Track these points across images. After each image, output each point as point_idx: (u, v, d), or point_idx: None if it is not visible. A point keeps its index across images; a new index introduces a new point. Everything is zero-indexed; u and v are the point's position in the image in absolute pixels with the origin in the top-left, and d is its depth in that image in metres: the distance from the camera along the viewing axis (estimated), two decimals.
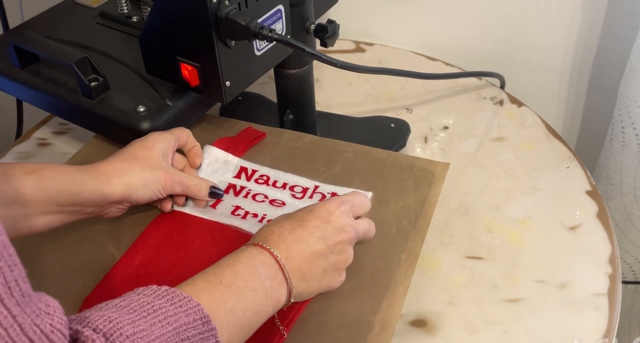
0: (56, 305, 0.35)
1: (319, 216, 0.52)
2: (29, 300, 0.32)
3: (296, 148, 0.69)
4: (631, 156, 0.81)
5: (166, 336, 0.39)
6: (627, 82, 0.77)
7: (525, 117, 0.83)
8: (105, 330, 0.36)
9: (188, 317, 0.41)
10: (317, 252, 0.51)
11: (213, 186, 0.62)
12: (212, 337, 0.42)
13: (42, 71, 0.72)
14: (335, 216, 0.52)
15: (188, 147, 0.65)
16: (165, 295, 0.41)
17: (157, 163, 0.59)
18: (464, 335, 0.58)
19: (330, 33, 0.65)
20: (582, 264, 0.64)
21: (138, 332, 0.38)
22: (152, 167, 0.58)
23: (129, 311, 0.39)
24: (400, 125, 0.79)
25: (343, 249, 0.52)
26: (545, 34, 0.90)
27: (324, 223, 0.52)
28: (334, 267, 0.52)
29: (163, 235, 0.60)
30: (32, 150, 0.80)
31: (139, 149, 0.59)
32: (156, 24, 0.62)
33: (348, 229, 0.52)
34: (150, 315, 0.39)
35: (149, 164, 0.58)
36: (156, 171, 0.58)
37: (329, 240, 0.51)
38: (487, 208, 0.70)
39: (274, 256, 0.49)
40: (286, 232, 0.51)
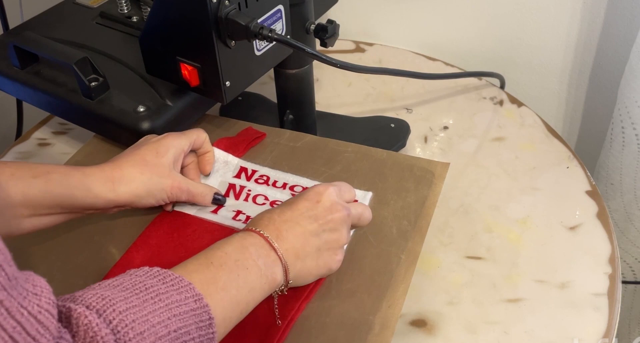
0: (44, 284, 0.35)
1: (308, 197, 0.53)
2: (15, 283, 0.33)
3: (296, 148, 0.69)
4: (631, 156, 0.81)
5: (158, 312, 0.39)
6: (627, 82, 0.77)
7: (525, 117, 0.83)
8: (98, 306, 0.37)
9: (180, 294, 0.41)
10: (309, 230, 0.51)
11: (217, 193, 0.62)
12: (205, 314, 0.42)
13: (42, 71, 0.72)
14: (325, 197, 0.53)
15: (201, 151, 0.64)
16: (157, 275, 0.42)
17: (166, 171, 0.58)
18: (464, 335, 0.58)
19: (330, 33, 0.65)
20: (582, 264, 0.64)
21: (130, 308, 0.38)
22: (161, 175, 0.57)
23: (121, 289, 0.40)
24: (400, 125, 0.79)
25: (335, 227, 0.52)
26: (545, 34, 0.90)
27: (313, 203, 0.52)
28: (328, 246, 0.52)
29: (163, 235, 0.60)
30: (32, 150, 0.80)
31: (151, 154, 0.58)
32: (156, 24, 0.62)
33: (338, 208, 0.53)
34: (142, 292, 0.40)
35: (158, 172, 0.57)
36: (164, 180, 0.58)
37: (319, 218, 0.52)
38: (487, 208, 0.70)
39: (264, 237, 0.49)
40: (275, 215, 0.51)
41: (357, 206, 0.56)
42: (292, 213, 0.52)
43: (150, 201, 0.58)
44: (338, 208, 0.53)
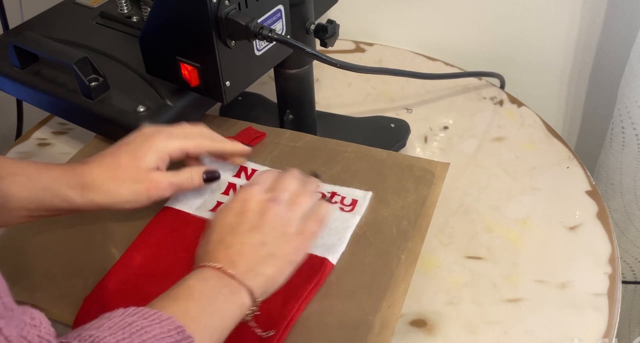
0: (42, 317, 0.35)
1: (235, 210, 0.52)
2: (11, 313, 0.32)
3: (296, 148, 0.69)
4: (631, 156, 0.81)
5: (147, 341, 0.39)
6: (627, 82, 0.77)
7: (525, 117, 0.83)
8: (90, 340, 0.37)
9: (162, 327, 0.41)
10: (255, 243, 0.50)
11: (206, 171, 0.60)
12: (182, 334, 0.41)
13: (42, 71, 0.72)
14: (251, 203, 0.52)
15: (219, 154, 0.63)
16: (136, 313, 0.41)
17: (142, 175, 0.55)
18: (464, 335, 0.58)
19: (330, 33, 0.65)
20: (582, 264, 0.64)
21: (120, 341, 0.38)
22: (134, 180, 0.55)
23: (105, 329, 0.39)
24: (400, 125, 0.79)
25: (276, 224, 0.51)
26: (545, 34, 0.90)
27: (243, 215, 0.51)
28: (279, 241, 0.51)
29: (163, 234, 0.60)
30: (32, 150, 0.80)
31: (127, 157, 0.56)
32: (156, 24, 0.62)
33: (269, 205, 0.52)
34: (127, 328, 0.40)
35: (131, 177, 0.55)
36: (137, 186, 0.55)
37: (257, 227, 0.50)
38: (487, 208, 0.70)
39: (217, 268, 0.48)
40: (217, 244, 0.50)
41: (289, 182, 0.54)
42: (233, 237, 0.50)
43: (126, 206, 0.56)
44: (268, 206, 0.52)
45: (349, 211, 0.61)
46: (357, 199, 0.62)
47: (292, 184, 0.55)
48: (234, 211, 0.52)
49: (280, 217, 0.52)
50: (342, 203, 0.62)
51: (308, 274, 0.55)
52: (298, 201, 0.54)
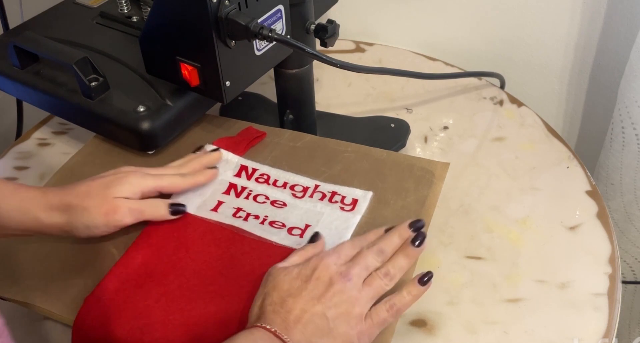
0: None
1: (303, 276, 0.50)
2: None
3: (296, 147, 0.69)
4: (631, 156, 0.81)
5: None
6: (627, 82, 0.77)
7: (525, 117, 0.83)
8: None
9: None
10: (314, 313, 0.48)
11: (171, 203, 0.59)
12: None
13: (42, 71, 0.72)
14: (323, 272, 0.50)
15: None
16: None
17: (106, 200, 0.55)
18: (464, 335, 0.58)
19: (330, 33, 0.65)
20: (582, 264, 0.64)
21: None
22: (97, 205, 0.55)
23: None
24: (400, 125, 0.79)
25: (340, 294, 0.49)
26: (545, 34, 0.90)
27: (310, 282, 0.49)
28: (340, 319, 0.48)
29: (163, 234, 0.60)
30: (32, 150, 0.80)
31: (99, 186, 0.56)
32: (156, 24, 0.62)
33: (338, 279, 0.49)
34: None
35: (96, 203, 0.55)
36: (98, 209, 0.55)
37: (322, 298, 0.48)
38: (487, 208, 0.70)
39: (272, 331, 0.47)
40: (278, 307, 0.48)
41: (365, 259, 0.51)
42: (294, 301, 0.48)
43: (85, 232, 0.55)
44: (338, 280, 0.49)
45: (349, 210, 0.61)
46: (358, 198, 0.62)
47: (373, 263, 0.51)
48: (302, 276, 0.50)
49: (347, 294, 0.49)
50: (342, 203, 0.62)
51: None
52: (375, 283, 0.50)
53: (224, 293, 0.54)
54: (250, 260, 0.57)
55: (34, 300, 0.56)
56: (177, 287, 0.55)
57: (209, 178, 0.63)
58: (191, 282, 0.56)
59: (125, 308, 0.54)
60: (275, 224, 0.60)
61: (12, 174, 0.77)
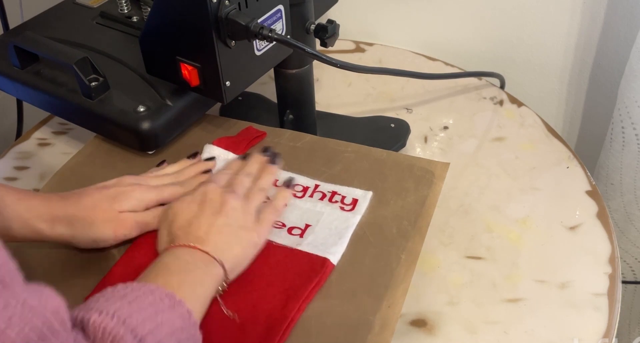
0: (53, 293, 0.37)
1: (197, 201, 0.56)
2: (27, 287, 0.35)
3: (296, 148, 0.69)
4: (631, 156, 0.81)
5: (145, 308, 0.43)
6: (627, 82, 0.77)
7: (525, 117, 0.83)
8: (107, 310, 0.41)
9: (154, 295, 0.44)
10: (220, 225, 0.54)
11: None
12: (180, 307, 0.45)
13: (42, 71, 0.72)
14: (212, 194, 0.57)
15: None
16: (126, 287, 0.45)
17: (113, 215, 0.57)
18: (464, 335, 0.58)
19: (330, 33, 0.65)
20: (582, 264, 0.64)
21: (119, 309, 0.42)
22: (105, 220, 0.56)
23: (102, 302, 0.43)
24: (400, 125, 0.79)
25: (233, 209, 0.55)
26: (545, 34, 0.90)
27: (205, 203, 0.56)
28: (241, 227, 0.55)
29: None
30: (32, 150, 0.80)
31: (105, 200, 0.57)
32: (156, 24, 0.62)
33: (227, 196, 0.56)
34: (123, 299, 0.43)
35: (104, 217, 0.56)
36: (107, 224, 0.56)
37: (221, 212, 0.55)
38: (487, 208, 0.70)
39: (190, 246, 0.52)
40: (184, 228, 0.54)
41: None
42: (198, 220, 0.54)
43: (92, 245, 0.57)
44: (227, 197, 0.56)
45: (349, 210, 0.61)
46: (358, 198, 0.62)
47: (246, 182, 0.60)
48: (195, 202, 0.56)
49: (239, 208, 0.56)
50: (342, 203, 0.62)
51: (309, 274, 0.55)
52: (252, 196, 0.58)
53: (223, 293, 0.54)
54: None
55: None
56: None
57: None
58: None
59: None
60: (275, 223, 0.60)
61: (12, 174, 0.77)
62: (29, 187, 0.74)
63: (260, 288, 0.55)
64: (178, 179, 0.63)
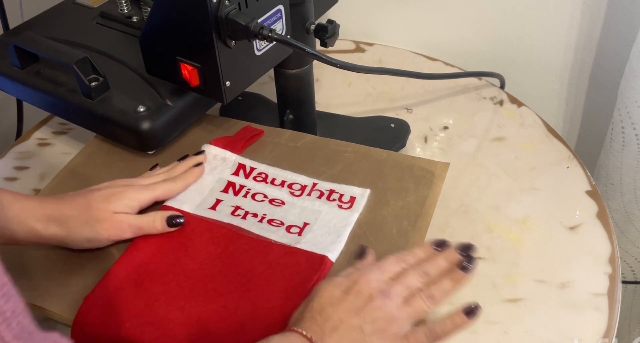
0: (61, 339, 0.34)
1: (345, 287, 0.50)
2: (30, 337, 0.31)
3: (296, 147, 0.69)
4: (631, 156, 0.81)
5: None
6: (627, 82, 0.77)
7: (525, 117, 0.83)
8: None
9: None
10: (351, 325, 0.47)
11: (169, 216, 0.60)
12: None
13: (42, 71, 0.72)
14: (364, 286, 0.49)
15: None
16: None
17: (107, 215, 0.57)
18: (464, 335, 0.58)
19: (330, 33, 0.65)
20: (582, 264, 0.64)
21: None
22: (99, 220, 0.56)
23: None
24: (400, 125, 0.79)
25: (379, 311, 0.48)
26: (545, 34, 0.90)
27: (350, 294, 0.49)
28: (376, 336, 0.48)
29: (162, 233, 0.60)
30: (32, 150, 0.80)
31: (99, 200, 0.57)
32: (156, 24, 0.62)
33: (379, 295, 0.49)
34: None
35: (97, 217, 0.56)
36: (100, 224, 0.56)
37: (361, 312, 0.48)
38: (487, 208, 0.70)
39: (306, 337, 0.46)
40: (315, 313, 0.48)
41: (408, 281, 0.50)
42: (333, 311, 0.48)
43: (85, 245, 0.57)
44: (378, 296, 0.49)
45: (347, 208, 0.61)
46: (355, 196, 0.62)
47: (416, 283, 0.51)
48: (343, 286, 0.50)
49: (386, 312, 0.48)
50: (340, 201, 0.62)
51: (308, 272, 0.55)
52: (416, 304, 0.50)
53: (223, 291, 0.54)
54: (249, 258, 0.57)
55: (34, 300, 0.56)
56: (177, 286, 0.55)
57: (197, 175, 0.65)
58: (190, 281, 0.56)
59: (125, 307, 0.54)
60: (274, 222, 0.60)
61: (12, 174, 0.77)
62: (29, 187, 0.74)
63: (259, 286, 0.55)
64: (170, 175, 0.64)
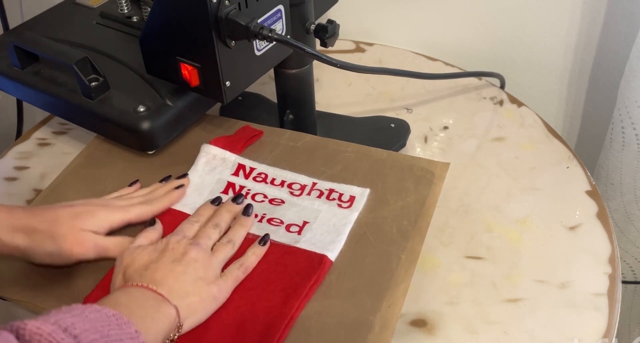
0: None
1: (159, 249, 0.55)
2: None
3: (296, 147, 0.69)
4: (631, 156, 0.81)
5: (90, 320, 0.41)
6: (627, 82, 0.77)
7: (525, 117, 0.83)
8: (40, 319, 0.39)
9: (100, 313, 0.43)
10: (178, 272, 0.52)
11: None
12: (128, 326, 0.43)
13: (42, 71, 0.72)
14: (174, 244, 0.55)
15: None
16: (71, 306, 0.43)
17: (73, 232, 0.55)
18: (464, 335, 0.58)
19: (330, 33, 0.65)
20: (582, 264, 0.64)
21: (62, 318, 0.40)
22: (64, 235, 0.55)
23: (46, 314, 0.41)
24: (400, 125, 0.79)
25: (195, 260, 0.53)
26: (545, 34, 0.90)
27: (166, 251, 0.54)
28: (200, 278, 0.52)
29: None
30: (32, 150, 0.80)
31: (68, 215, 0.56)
32: (156, 24, 0.62)
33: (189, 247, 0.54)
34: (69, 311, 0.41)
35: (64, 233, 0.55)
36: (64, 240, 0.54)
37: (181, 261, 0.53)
38: (487, 207, 0.70)
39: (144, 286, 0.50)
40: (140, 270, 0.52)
41: None
42: (157, 265, 0.52)
43: (46, 260, 0.55)
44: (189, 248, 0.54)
45: (346, 207, 0.61)
46: (355, 196, 0.62)
47: (212, 234, 0.57)
48: (157, 250, 0.54)
49: (201, 261, 0.54)
50: (339, 200, 0.62)
51: (307, 272, 0.55)
52: (220, 250, 0.56)
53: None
54: None
55: (34, 300, 0.56)
56: None
57: (174, 200, 0.63)
58: None
59: None
60: (273, 221, 0.60)
61: (12, 174, 0.77)
62: (28, 187, 0.74)
63: (259, 286, 0.55)
64: (148, 198, 0.62)
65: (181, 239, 0.56)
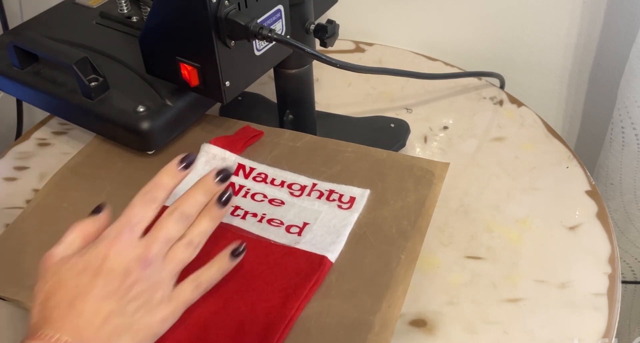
0: None
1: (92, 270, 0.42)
2: None
3: (296, 147, 0.69)
4: (631, 156, 0.81)
5: None
6: (627, 82, 0.77)
7: (525, 117, 0.83)
8: None
9: None
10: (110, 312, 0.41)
11: None
12: None
13: (42, 71, 0.72)
14: (115, 262, 0.42)
15: None
16: None
17: None
18: (464, 335, 0.58)
19: (330, 33, 0.65)
20: (581, 264, 0.64)
21: None
22: None
23: None
24: (400, 125, 0.79)
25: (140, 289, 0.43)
26: (545, 34, 0.90)
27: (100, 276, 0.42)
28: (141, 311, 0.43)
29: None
30: (32, 150, 0.80)
31: None
32: (156, 24, 0.62)
33: (135, 268, 0.43)
34: None
35: None
36: None
37: (117, 294, 0.42)
38: (486, 207, 0.70)
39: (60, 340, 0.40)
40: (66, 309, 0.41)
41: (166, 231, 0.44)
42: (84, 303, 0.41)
43: None
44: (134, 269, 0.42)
45: (347, 208, 0.61)
46: (355, 196, 0.62)
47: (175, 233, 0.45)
48: (90, 269, 0.42)
49: (147, 281, 0.43)
50: (340, 201, 0.62)
51: (307, 273, 0.55)
52: (177, 257, 0.45)
53: (222, 291, 0.54)
54: (249, 259, 0.57)
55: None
56: None
57: None
58: None
59: None
60: (273, 222, 0.60)
61: (12, 174, 0.77)
62: (28, 187, 0.74)
63: (258, 287, 0.55)
64: None
65: (126, 247, 0.43)
